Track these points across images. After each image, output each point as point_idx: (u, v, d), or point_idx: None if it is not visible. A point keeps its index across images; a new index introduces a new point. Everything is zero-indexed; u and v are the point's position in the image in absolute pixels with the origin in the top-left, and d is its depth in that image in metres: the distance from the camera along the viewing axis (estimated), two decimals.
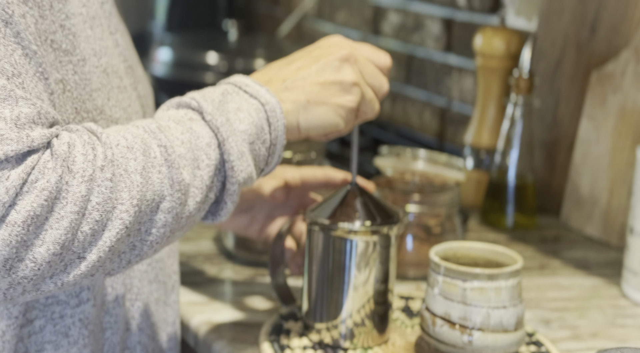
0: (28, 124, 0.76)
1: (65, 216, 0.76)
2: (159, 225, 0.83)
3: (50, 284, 0.78)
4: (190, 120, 0.88)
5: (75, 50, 0.89)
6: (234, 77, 0.94)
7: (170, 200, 0.83)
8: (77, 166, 0.77)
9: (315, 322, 1.05)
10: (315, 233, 1.03)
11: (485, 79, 1.59)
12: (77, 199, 0.77)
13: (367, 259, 1.02)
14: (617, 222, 1.43)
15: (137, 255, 0.84)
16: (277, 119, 0.92)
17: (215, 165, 0.88)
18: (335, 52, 0.97)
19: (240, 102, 0.91)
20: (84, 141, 0.79)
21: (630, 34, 1.45)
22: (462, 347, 0.99)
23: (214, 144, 0.88)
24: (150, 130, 0.85)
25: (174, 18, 2.54)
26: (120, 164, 0.80)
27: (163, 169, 0.83)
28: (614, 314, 1.20)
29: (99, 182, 0.78)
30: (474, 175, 1.59)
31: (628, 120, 1.42)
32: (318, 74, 0.96)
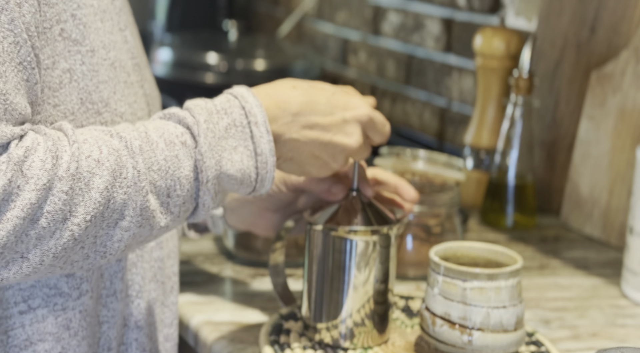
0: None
1: (10, 219, 0.76)
2: (114, 239, 0.84)
3: None
4: (182, 145, 0.87)
5: (85, 40, 0.89)
6: (249, 100, 0.92)
7: (129, 221, 0.84)
8: (32, 172, 0.77)
9: (315, 322, 1.05)
10: (315, 233, 1.03)
11: (485, 79, 1.59)
12: (26, 206, 0.77)
13: (367, 259, 1.02)
14: (616, 222, 1.43)
15: (91, 264, 0.84)
16: (267, 171, 0.92)
17: (186, 197, 0.88)
18: (354, 110, 0.98)
19: (239, 143, 0.91)
20: (46, 148, 0.79)
21: (630, 34, 1.45)
22: (462, 346, 0.99)
23: (192, 180, 0.88)
24: (131, 148, 0.84)
25: (174, 18, 2.54)
26: (83, 177, 0.80)
27: (130, 191, 0.83)
28: (613, 314, 1.21)
29: (54, 192, 0.78)
30: (473, 175, 1.59)
31: (628, 120, 1.42)
32: (328, 135, 0.97)
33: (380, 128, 1.01)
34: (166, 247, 1.04)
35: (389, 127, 1.03)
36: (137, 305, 1.01)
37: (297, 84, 0.97)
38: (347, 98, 0.99)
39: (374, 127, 1.00)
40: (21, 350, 0.90)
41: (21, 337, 0.90)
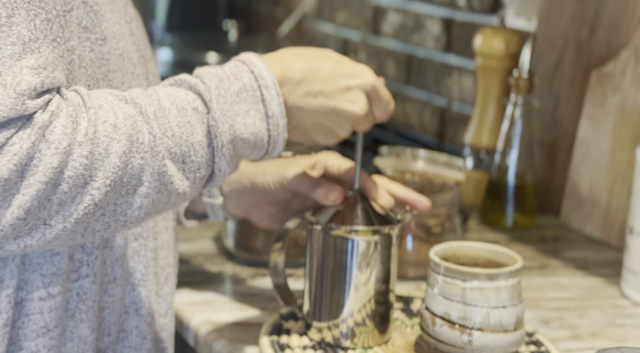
0: (28, 92, 0.77)
1: (33, 184, 0.77)
2: (134, 207, 0.84)
3: (13, 245, 0.80)
4: (193, 111, 0.88)
5: (95, 28, 0.90)
6: (257, 64, 0.93)
7: (147, 186, 0.84)
8: (54, 137, 0.78)
9: (316, 321, 1.05)
10: (316, 233, 1.04)
11: (485, 79, 1.59)
12: (48, 170, 0.78)
13: (368, 259, 1.02)
14: (616, 222, 1.43)
15: (112, 232, 0.85)
16: (279, 132, 0.93)
17: (201, 163, 0.89)
18: (359, 78, 0.98)
19: (250, 107, 0.91)
20: (68, 113, 0.80)
21: (630, 34, 1.45)
22: (462, 346, 0.99)
23: (205, 145, 0.89)
24: (145, 114, 0.85)
25: (174, 18, 2.54)
26: (101, 142, 0.81)
27: (147, 156, 0.83)
28: (613, 314, 1.21)
29: (75, 157, 0.79)
30: (473, 175, 1.59)
31: (628, 120, 1.42)
32: (331, 98, 0.97)
33: (384, 102, 1.01)
34: (160, 238, 1.05)
35: (394, 105, 1.03)
36: (138, 293, 1.01)
37: (302, 52, 0.98)
38: (352, 66, 0.99)
39: (378, 99, 1.00)
40: (38, 337, 0.90)
41: (39, 323, 0.90)
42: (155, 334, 1.05)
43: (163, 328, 1.07)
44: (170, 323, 1.08)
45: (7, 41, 0.77)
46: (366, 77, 0.99)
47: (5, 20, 0.77)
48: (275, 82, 0.93)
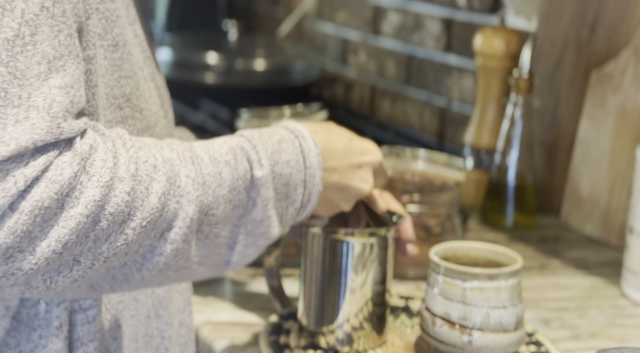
0: (61, 113, 0.75)
1: (74, 216, 0.75)
2: (155, 252, 0.82)
3: (40, 281, 0.77)
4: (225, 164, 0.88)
5: (107, 34, 0.88)
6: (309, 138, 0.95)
7: (176, 232, 0.82)
8: (94, 169, 0.76)
9: (313, 326, 1.04)
10: (312, 235, 1.03)
11: (485, 79, 1.59)
12: (89, 202, 0.75)
13: (364, 261, 1.02)
14: (616, 222, 1.43)
15: (125, 275, 0.82)
16: (316, 184, 0.95)
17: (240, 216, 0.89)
18: (368, 155, 1.01)
19: (291, 157, 0.93)
20: (107, 148, 0.78)
21: (630, 34, 1.45)
22: (462, 347, 0.99)
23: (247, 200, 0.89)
24: (183, 158, 0.84)
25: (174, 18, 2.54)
26: (143, 180, 0.79)
27: (182, 200, 0.82)
28: (613, 314, 1.21)
29: (117, 193, 0.77)
30: (473, 175, 1.59)
31: (628, 120, 1.42)
32: (346, 178, 0.99)
33: (384, 174, 1.05)
34: None
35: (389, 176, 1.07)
36: (157, 295, 1.00)
37: (317, 129, 0.98)
38: (362, 143, 1.02)
39: (381, 173, 1.04)
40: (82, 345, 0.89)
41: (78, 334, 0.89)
42: (176, 332, 1.04)
43: (182, 324, 1.06)
44: (189, 319, 1.07)
45: (33, 61, 0.74)
46: (374, 153, 1.02)
47: (30, 38, 0.74)
48: (318, 149, 0.95)
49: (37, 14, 0.75)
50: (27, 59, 0.74)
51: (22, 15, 0.74)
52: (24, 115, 0.73)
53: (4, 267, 0.74)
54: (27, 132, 0.73)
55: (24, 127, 0.73)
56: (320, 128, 0.99)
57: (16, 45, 0.74)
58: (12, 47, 0.73)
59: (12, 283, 0.76)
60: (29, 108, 0.73)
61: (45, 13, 0.76)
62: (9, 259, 0.74)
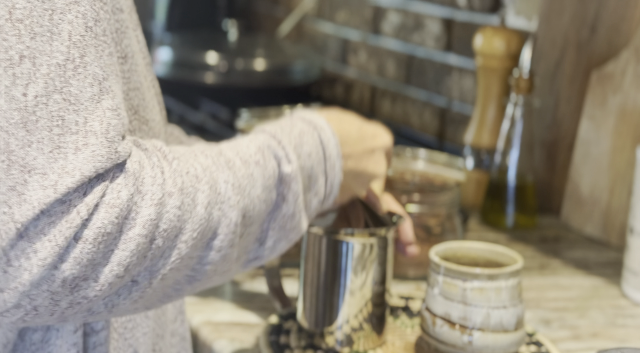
0: (117, 137, 0.73)
1: (133, 238, 0.73)
2: (205, 261, 0.81)
3: (102, 306, 0.76)
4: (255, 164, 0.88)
5: (117, 46, 0.86)
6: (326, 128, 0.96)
7: (222, 239, 0.82)
8: (145, 188, 0.74)
9: (312, 326, 1.04)
10: (311, 236, 1.03)
11: (485, 79, 1.59)
12: (146, 222, 0.74)
13: (364, 262, 1.01)
14: (617, 222, 1.43)
15: (178, 291, 0.81)
16: (336, 173, 0.95)
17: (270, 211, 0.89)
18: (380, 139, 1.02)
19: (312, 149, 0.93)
20: (152, 163, 0.76)
21: (630, 34, 1.44)
22: (462, 347, 0.99)
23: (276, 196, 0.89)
24: (218, 163, 0.83)
25: (174, 18, 2.54)
26: (189, 193, 0.78)
27: (224, 206, 0.81)
28: (614, 314, 1.20)
29: (168, 209, 0.75)
30: (474, 175, 1.59)
31: (628, 120, 1.42)
32: (360, 164, 0.99)
33: (391, 157, 1.06)
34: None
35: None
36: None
37: (330, 117, 0.99)
38: (372, 128, 1.02)
39: (389, 155, 1.05)
40: None
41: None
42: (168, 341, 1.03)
43: (174, 333, 1.05)
44: (181, 329, 1.05)
45: (85, 83, 0.72)
46: (385, 136, 1.03)
47: (80, 61, 0.72)
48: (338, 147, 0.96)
49: (83, 35, 0.73)
50: (80, 82, 0.72)
51: (70, 38, 0.72)
52: (83, 142, 0.71)
53: (70, 297, 0.73)
54: (89, 160, 0.71)
55: (85, 155, 0.71)
56: (333, 115, 0.99)
57: (67, 69, 0.72)
58: (64, 72, 0.71)
59: (77, 311, 0.74)
60: (87, 134, 0.71)
61: (89, 33, 0.73)
62: (74, 289, 0.72)
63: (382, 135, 1.03)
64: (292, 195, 0.90)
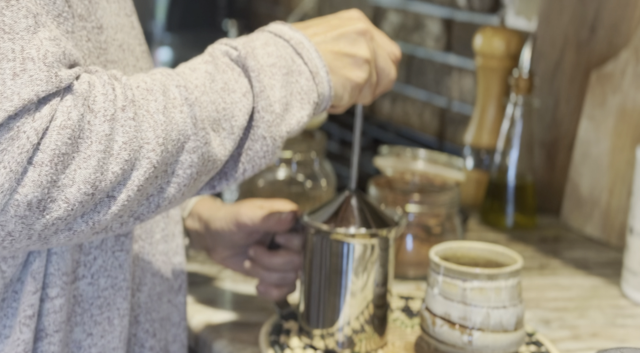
0: (56, 63, 0.75)
1: (91, 155, 0.76)
2: (185, 166, 0.83)
3: (82, 224, 0.78)
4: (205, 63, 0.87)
5: (90, 16, 0.88)
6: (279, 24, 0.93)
7: (194, 139, 0.83)
8: (98, 105, 0.77)
9: (313, 328, 1.03)
10: (312, 237, 1.03)
11: (485, 79, 1.59)
12: (102, 138, 0.76)
13: (366, 263, 1.01)
14: (617, 222, 1.43)
15: (165, 199, 0.83)
16: (307, 49, 0.91)
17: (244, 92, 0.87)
18: (353, 24, 0.96)
19: (268, 40, 0.91)
20: (103, 81, 0.79)
21: (630, 34, 1.45)
22: (462, 347, 0.99)
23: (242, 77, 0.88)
24: (167, 73, 0.84)
25: (174, 18, 2.54)
26: (141, 104, 0.80)
27: (184, 108, 0.83)
28: (613, 314, 1.21)
29: (122, 122, 0.78)
30: (474, 175, 1.59)
31: (628, 120, 1.42)
32: (333, 43, 0.94)
33: (377, 48, 0.97)
34: (173, 242, 1.03)
35: (397, 50, 1.00)
36: (141, 299, 0.99)
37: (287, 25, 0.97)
38: (344, 20, 0.97)
39: (370, 40, 0.97)
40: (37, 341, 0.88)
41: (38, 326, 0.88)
42: (168, 345, 1.03)
43: (176, 338, 1.05)
44: (183, 335, 1.05)
45: (20, 14, 0.75)
46: (355, 21, 0.96)
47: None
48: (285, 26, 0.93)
49: None
50: (13, 13, 0.74)
51: None
52: (20, 68, 0.73)
53: (42, 219, 0.75)
54: (27, 84, 0.73)
55: (23, 79, 0.73)
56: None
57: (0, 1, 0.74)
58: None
59: (54, 231, 0.77)
60: (24, 60, 0.74)
61: None
62: (44, 211, 0.75)
63: (351, 19, 0.96)
64: (253, 73, 0.88)
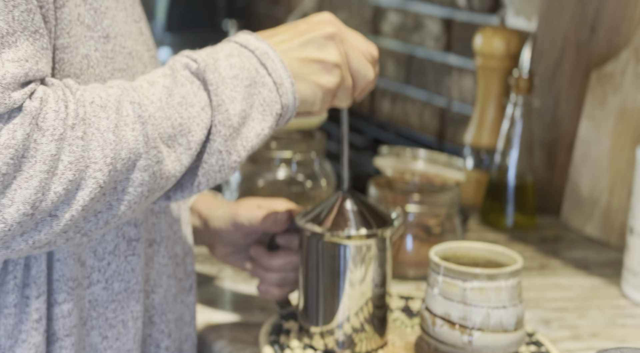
0: (12, 85, 0.74)
1: (34, 175, 0.74)
2: (135, 184, 0.81)
3: (21, 242, 0.77)
4: (164, 77, 0.86)
5: (97, 26, 0.88)
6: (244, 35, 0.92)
7: (146, 158, 0.81)
8: (47, 123, 0.76)
9: (312, 328, 1.03)
10: (309, 238, 1.02)
11: (485, 79, 1.59)
12: (47, 158, 0.75)
13: (363, 264, 1.01)
14: (617, 222, 1.43)
15: (115, 215, 0.82)
16: (272, 59, 0.90)
17: (203, 106, 0.85)
18: (321, 29, 0.94)
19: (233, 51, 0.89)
20: (57, 97, 0.77)
21: (630, 34, 1.45)
22: (462, 347, 0.99)
23: (200, 90, 0.86)
24: (124, 88, 0.83)
25: (174, 18, 2.54)
26: (92, 122, 0.78)
27: (137, 126, 0.81)
28: (613, 314, 1.21)
29: (70, 141, 0.76)
30: (474, 175, 1.59)
31: (628, 120, 1.42)
32: (299, 49, 0.92)
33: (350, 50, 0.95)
34: (184, 244, 1.03)
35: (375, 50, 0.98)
36: (156, 300, 0.99)
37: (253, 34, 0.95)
38: (312, 24, 0.95)
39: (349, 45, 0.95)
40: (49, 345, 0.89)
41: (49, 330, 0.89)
42: (181, 344, 1.03)
43: (188, 337, 1.05)
44: (194, 334, 1.05)
45: None
46: (323, 25, 0.94)
47: None
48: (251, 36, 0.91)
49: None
50: None
51: None
52: None
53: None
54: None
55: None
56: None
57: None
58: None
59: None
60: None
61: None
62: None
63: (320, 24, 0.94)
64: (211, 86, 0.87)
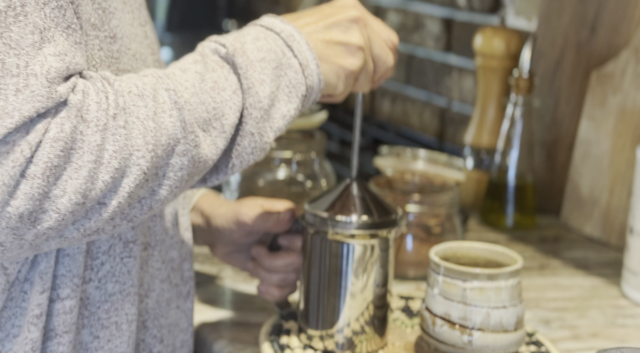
0: (57, 79, 0.76)
1: (83, 166, 0.77)
2: (175, 168, 0.83)
3: (73, 231, 0.79)
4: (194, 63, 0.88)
5: (104, 26, 0.89)
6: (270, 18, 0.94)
7: (184, 142, 0.83)
8: (91, 115, 0.78)
9: (313, 329, 1.03)
10: (311, 237, 1.02)
11: (485, 79, 1.59)
12: (93, 148, 0.77)
13: (365, 263, 1.01)
14: (617, 222, 1.43)
15: (157, 200, 0.84)
16: (298, 41, 0.92)
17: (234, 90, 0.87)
18: (345, 12, 0.96)
19: (259, 34, 0.92)
20: (97, 89, 0.80)
21: (630, 34, 1.45)
22: (462, 347, 0.99)
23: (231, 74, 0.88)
24: (158, 76, 0.85)
25: (174, 18, 2.54)
26: (132, 111, 0.80)
27: (174, 112, 0.83)
28: (613, 314, 1.21)
29: (113, 131, 0.78)
30: (474, 175, 1.59)
31: (628, 120, 1.42)
32: (325, 31, 0.94)
33: (372, 34, 0.97)
34: (181, 249, 1.03)
35: (396, 37, 1.00)
36: (149, 305, 0.99)
37: (279, 17, 0.97)
38: (337, 8, 0.97)
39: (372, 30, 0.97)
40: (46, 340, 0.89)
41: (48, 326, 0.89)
42: (174, 350, 1.03)
43: (184, 344, 1.05)
44: (191, 340, 1.05)
45: (27, 30, 0.76)
46: (347, 9, 0.96)
47: (20, 9, 0.76)
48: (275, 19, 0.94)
49: None
50: (21, 29, 0.75)
51: None
52: (23, 84, 0.74)
53: (33, 230, 0.76)
54: (28, 100, 0.74)
55: (25, 95, 0.74)
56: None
57: (8, 16, 0.75)
58: (4, 18, 0.75)
59: (46, 239, 0.78)
60: (27, 76, 0.75)
61: None
62: (35, 222, 0.76)
63: (344, 7, 0.96)
64: (241, 70, 0.89)
